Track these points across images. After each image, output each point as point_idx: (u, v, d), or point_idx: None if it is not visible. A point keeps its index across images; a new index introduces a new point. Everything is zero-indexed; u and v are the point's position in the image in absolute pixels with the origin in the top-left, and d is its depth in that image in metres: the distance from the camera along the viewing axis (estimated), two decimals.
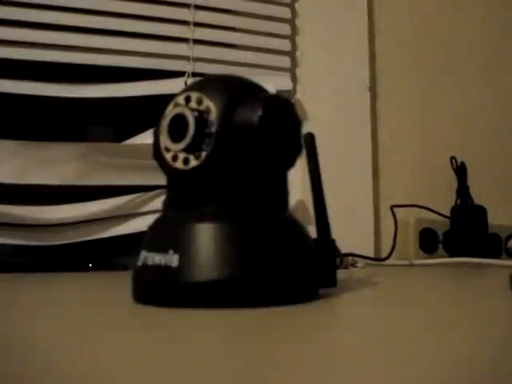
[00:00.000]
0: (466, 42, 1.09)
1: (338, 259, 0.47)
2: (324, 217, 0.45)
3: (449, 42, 1.08)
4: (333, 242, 0.44)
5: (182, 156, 0.38)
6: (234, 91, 0.39)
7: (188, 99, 0.38)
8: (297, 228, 0.39)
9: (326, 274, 0.42)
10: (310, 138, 0.46)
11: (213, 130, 0.37)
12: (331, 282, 0.42)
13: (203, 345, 0.26)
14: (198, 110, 0.37)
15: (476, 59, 1.09)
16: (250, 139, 0.37)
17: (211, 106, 0.37)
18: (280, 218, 0.39)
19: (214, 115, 0.37)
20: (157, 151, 0.40)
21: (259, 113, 0.37)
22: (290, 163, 0.40)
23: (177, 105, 0.39)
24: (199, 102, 0.38)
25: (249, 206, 0.38)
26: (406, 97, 1.03)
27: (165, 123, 0.39)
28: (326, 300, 0.39)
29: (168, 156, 0.39)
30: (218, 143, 0.37)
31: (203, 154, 0.37)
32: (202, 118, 0.37)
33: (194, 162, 0.37)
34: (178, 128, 0.38)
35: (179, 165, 0.38)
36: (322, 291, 0.41)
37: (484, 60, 1.10)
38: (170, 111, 0.39)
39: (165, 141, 0.39)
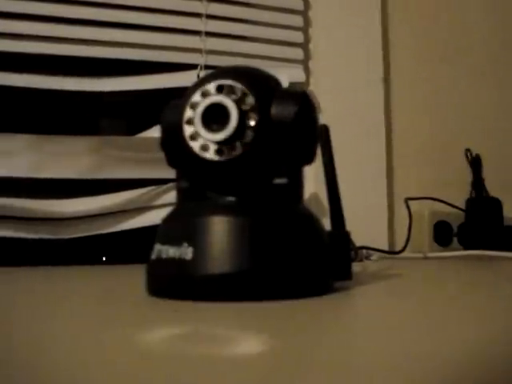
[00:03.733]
0: (481, 32, 1.07)
1: (352, 252, 0.46)
2: (338, 209, 0.44)
3: (463, 33, 1.06)
4: (348, 234, 0.43)
5: (214, 146, 0.37)
6: (268, 83, 0.38)
7: (220, 88, 0.38)
8: (311, 221, 0.39)
9: (341, 267, 0.41)
10: (325, 130, 0.45)
11: (252, 122, 0.37)
12: (346, 274, 0.42)
13: (217, 338, 0.25)
14: (237, 101, 0.37)
15: (491, 50, 1.08)
16: (286, 133, 0.37)
17: (251, 97, 0.37)
18: (295, 210, 0.39)
19: (253, 107, 0.37)
20: (170, 139, 0.39)
21: (296, 107, 0.37)
22: (312, 157, 0.39)
23: (208, 93, 0.38)
24: (234, 92, 0.37)
25: (265, 199, 0.37)
26: (420, 88, 1.02)
27: (198, 111, 0.37)
28: (341, 293, 0.39)
29: (196, 145, 0.38)
30: (258, 136, 0.37)
31: (240, 146, 0.37)
32: (242, 109, 0.37)
33: (229, 154, 0.37)
34: (212, 117, 0.37)
35: (210, 155, 0.37)
36: (337, 284, 0.41)
37: (499, 51, 1.09)
38: (202, 99, 0.38)
39: (197, 129, 0.37)
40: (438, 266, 0.71)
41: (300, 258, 0.37)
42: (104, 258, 0.83)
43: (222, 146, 0.37)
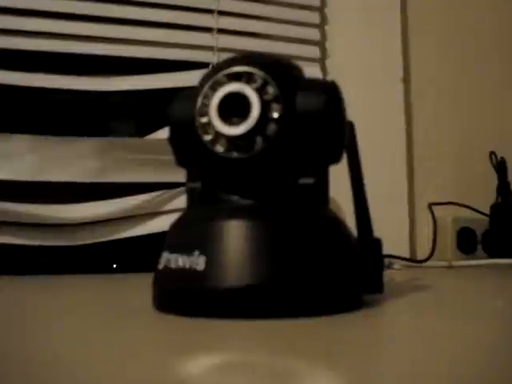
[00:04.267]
0: (505, 32, 1.03)
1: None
2: (365, 213, 0.40)
3: (487, 34, 1.02)
4: (379, 241, 0.39)
5: (232, 142, 0.33)
6: (291, 71, 0.34)
7: (238, 76, 0.33)
8: (340, 226, 0.35)
9: (372, 279, 0.37)
10: (350, 126, 0.41)
11: (275, 114, 0.32)
12: (377, 287, 0.37)
13: (232, 362, 0.21)
14: (258, 90, 0.33)
15: None
16: (313, 127, 0.33)
17: (273, 86, 0.33)
18: (321, 215, 0.34)
19: (276, 97, 0.33)
20: (181, 135, 0.35)
21: (325, 98, 0.33)
22: (339, 155, 0.35)
23: (224, 82, 0.33)
24: (254, 80, 0.33)
25: (288, 202, 0.33)
26: (441, 89, 0.98)
27: (214, 101, 0.33)
28: (373, 309, 0.35)
29: (210, 141, 0.33)
30: (282, 130, 0.32)
31: (261, 141, 0.32)
32: (263, 99, 0.32)
33: (249, 150, 0.33)
34: (229, 109, 0.33)
35: (227, 152, 0.33)
36: (366, 298, 0.36)
37: None
38: (217, 88, 0.33)
39: (212, 122, 0.33)
40: (466, 275, 0.69)
41: (329, 268, 0.32)
42: (114, 266, 0.79)
43: (240, 140, 0.32)
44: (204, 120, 0.33)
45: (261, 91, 0.32)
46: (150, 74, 0.80)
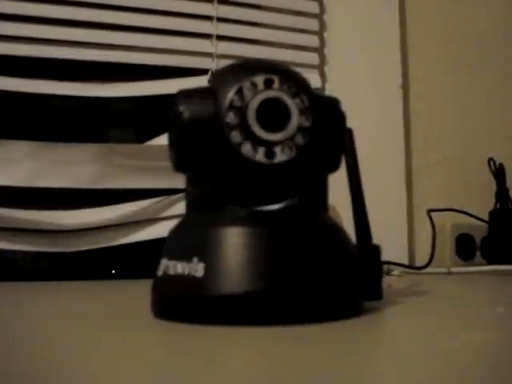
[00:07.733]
0: (505, 37, 1.03)
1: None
2: (364, 219, 0.40)
3: (486, 38, 1.02)
4: (378, 248, 0.39)
5: (265, 148, 0.33)
6: (309, 84, 0.36)
7: (269, 82, 0.34)
8: (338, 233, 0.35)
9: (371, 286, 0.37)
10: (349, 133, 0.41)
11: (307, 123, 0.33)
12: (376, 294, 0.37)
13: (230, 370, 0.21)
14: (294, 98, 0.33)
15: None
16: (333, 138, 0.35)
17: (303, 96, 0.34)
18: (320, 222, 0.34)
19: (308, 107, 0.33)
20: (193, 137, 0.34)
21: (341, 110, 0.36)
22: (339, 164, 0.37)
23: (256, 87, 0.33)
24: (284, 89, 0.33)
25: (291, 209, 0.33)
26: (440, 95, 0.98)
27: (252, 106, 0.33)
28: (371, 315, 0.35)
29: (247, 148, 0.33)
30: (312, 139, 0.34)
31: (292, 149, 0.33)
32: (300, 108, 0.33)
33: (281, 157, 0.33)
34: (264, 114, 0.33)
35: (260, 158, 0.33)
36: (365, 304, 0.36)
37: None
38: (250, 93, 0.33)
39: (251, 127, 0.33)
40: (465, 282, 0.68)
41: (328, 275, 0.32)
42: (113, 272, 0.79)
43: (274, 147, 0.33)
44: (238, 124, 0.33)
45: (295, 99, 0.33)
46: (149, 80, 0.80)
